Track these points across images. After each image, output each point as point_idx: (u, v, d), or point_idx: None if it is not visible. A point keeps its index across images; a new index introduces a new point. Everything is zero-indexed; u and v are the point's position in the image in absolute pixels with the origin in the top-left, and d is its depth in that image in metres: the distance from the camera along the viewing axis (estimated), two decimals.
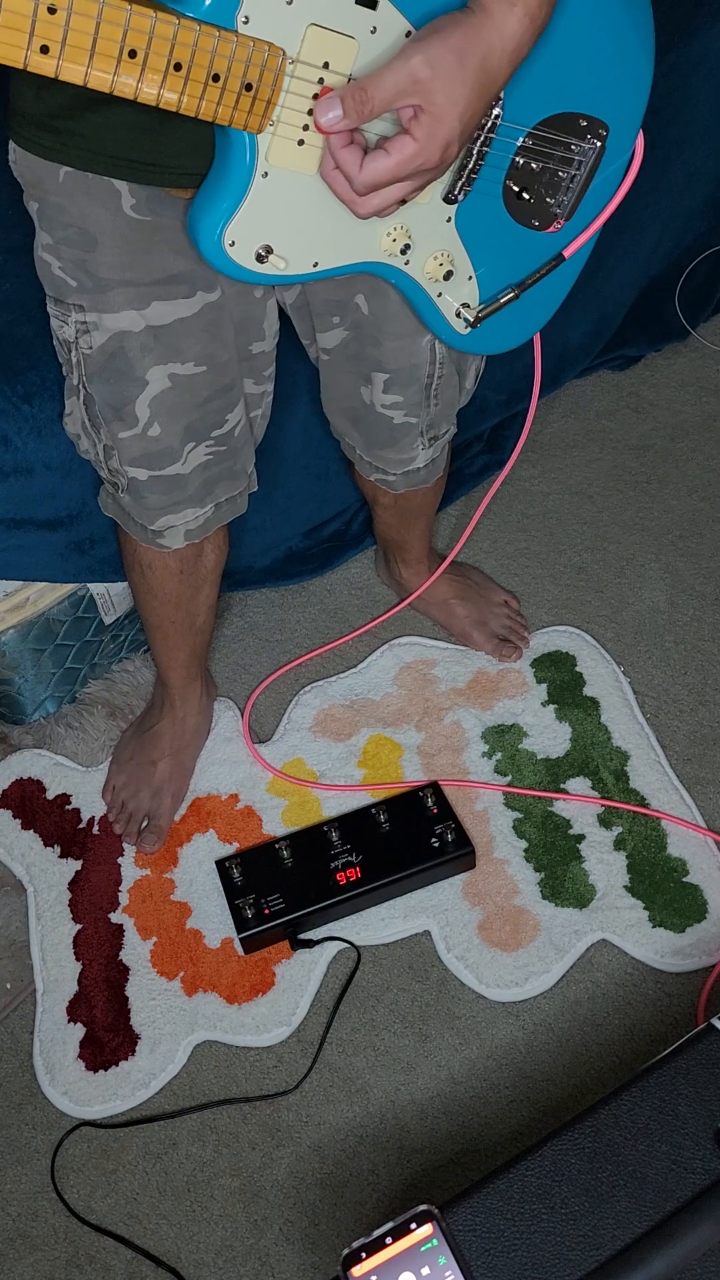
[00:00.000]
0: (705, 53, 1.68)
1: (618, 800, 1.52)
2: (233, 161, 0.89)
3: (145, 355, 1.09)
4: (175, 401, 1.13)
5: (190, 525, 1.26)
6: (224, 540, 1.40)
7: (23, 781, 1.60)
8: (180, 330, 1.08)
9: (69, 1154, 1.33)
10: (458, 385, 1.31)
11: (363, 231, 0.99)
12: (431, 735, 1.60)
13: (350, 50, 0.86)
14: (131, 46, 0.77)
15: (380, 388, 1.25)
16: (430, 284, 1.07)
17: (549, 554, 1.80)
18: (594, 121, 1.03)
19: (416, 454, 1.35)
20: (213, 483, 1.24)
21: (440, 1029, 1.38)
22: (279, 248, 0.94)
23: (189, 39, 0.79)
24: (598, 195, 1.10)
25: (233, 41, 0.81)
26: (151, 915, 1.48)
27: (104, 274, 1.03)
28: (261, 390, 1.25)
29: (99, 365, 1.11)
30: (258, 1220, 1.27)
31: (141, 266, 1.03)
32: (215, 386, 1.15)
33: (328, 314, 1.20)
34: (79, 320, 1.08)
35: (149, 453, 1.17)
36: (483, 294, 1.11)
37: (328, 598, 1.78)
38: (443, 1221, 0.90)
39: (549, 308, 1.21)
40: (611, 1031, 1.35)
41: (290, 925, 1.42)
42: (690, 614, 1.71)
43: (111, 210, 0.99)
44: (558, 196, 1.08)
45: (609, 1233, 0.92)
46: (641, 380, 2.02)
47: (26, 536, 1.41)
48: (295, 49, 0.84)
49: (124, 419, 1.14)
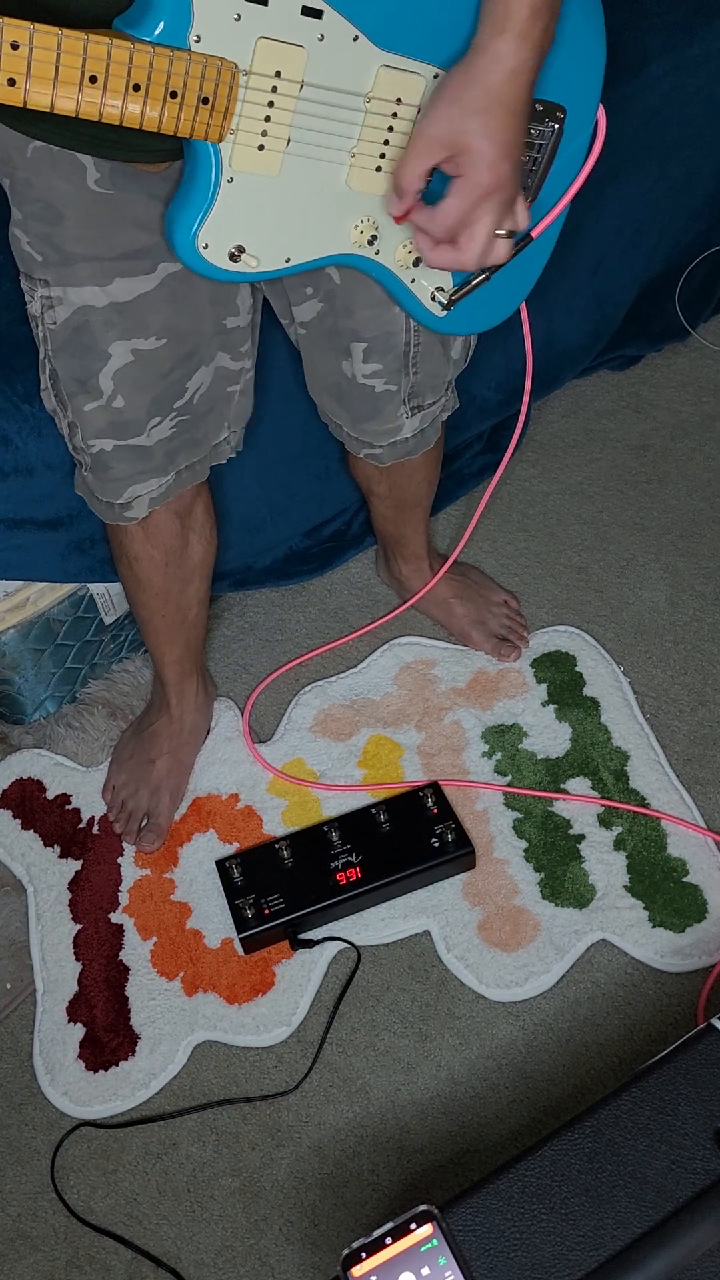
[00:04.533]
0: (705, 53, 1.68)
1: (618, 800, 1.52)
2: (199, 170, 0.93)
3: (108, 330, 1.11)
4: (139, 375, 1.15)
5: (154, 493, 1.27)
6: (211, 534, 1.41)
7: (23, 781, 1.60)
8: (143, 305, 1.11)
9: (69, 1154, 1.33)
10: (442, 355, 1.31)
11: (331, 226, 1.02)
12: (431, 735, 1.60)
13: (300, 58, 0.90)
14: (91, 72, 0.81)
15: (360, 358, 1.26)
16: (402, 270, 1.10)
17: (549, 554, 1.80)
18: (549, 105, 1.05)
19: (401, 423, 1.36)
20: (175, 452, 1.25)
21: (440, 1029, 1.38)
22: (250, 247, 0.98)
23: (144, 61, 0.83)
24: (562, 174, 1.11)
25: (186, 60, 0.85)
26: (151, 915, 1.48)
27: (69, 248, 1.06)
28: (239, 367, 1.26)
29: (64, 340, 1.13)
30: (258, 1220, 1.27)
31: (105, 241, 1.05)
32: (177, 357, 1.17)
33: (300, 286, 1.22)
34: (44, 295, 1.10)
35: (114, 423, 1.18)
36: (455, 277, 1.13)
37: (328, 598, 1.78)
38: (443, 1221, 0.90)
39: (524, 286, 1.23)
40: (611, 1031, 1.35)
41: (290, 925, 1.42)
42: (690, 614, 1.71)
43: (76, 184, 1.02)
44: (522, 180, 1.08)
45: (609, 1233, 0.92)
46: (641, 380, 2.02)
47: (26, 536, 1.41)
48: (247, 62, 0.89)
49: (89, 391, 1.16)
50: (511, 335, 1.30)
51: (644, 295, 1.95)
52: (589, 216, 1.68)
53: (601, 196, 1.69)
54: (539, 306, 1.27)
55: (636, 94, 1.64)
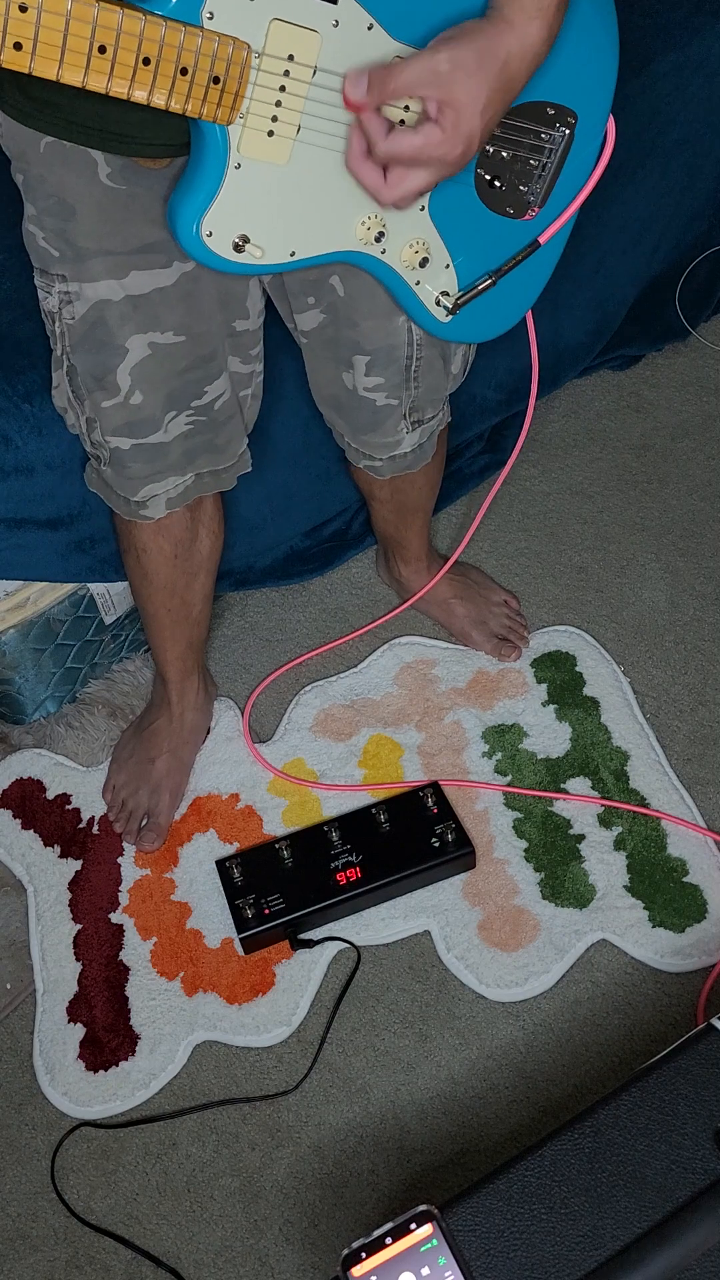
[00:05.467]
0: (705, 53, 1.68)
1: (618, 800, 1.51)
2: (206, 154, 0.92)
3: (125, 324, 1.11)
4: (155, 369, 1.15)
5: (171, 493, 1.27)
6: (219, 528, 1.41)
7: (23, 781, 1.60)
8: (158, 300, 1.10)
9: (69, 1154, 1.33)
10: (442, 370, 1.31)
11: (338, 221, 1.01)
12: (432, 735, 1.60)
13: (314, 43, 0.89)
14: (101, 42, 0.80)
15: (362, 371, 1.26)
16: (408, 272, 1.09)
17: (549, 554, 1.80)
18: (561, 109, 1.05)
19: (401, 438, 1.36)
20: (194, 453, 1.25)
21: (440, 1029, 1.37)
22: (255, 237, 0.97)
23: (156, 34, 0.82)
24: (571, 181, 1.11)
25: (198, 36, 0.84)
26: (151, 915, 1.48)
27: (83, 243, 1.05)
28: (250, 370, 1.26)
29: (81, 335, 1.12)
30: (258, 1220, 1.27)
31: (119, 235, 1.05)
32: (194, 356, 1.16)
33: (303, 294, 1.21)
34: (62, 290, 1.10)
35: (131, 421, 1.18)
36: (461, 281, 1.13)
37: (328, 597, 1.78)
38: (443, 1221, 0.90)
39: (529, 294, 1.22)
40: (611, 1031, 1.35)
41: (290, 925, 1.42)
42: (690, 614, 1.71)
43: (88, 179, 1.01)
44: (530, 184, 1.09)
45: (609, 1233, 0.92)
46: (642, 380, 2.02)
47: (27, 536, 1.41)
48: (260, 43, 0.88)
49: (106, 388, 1.15)
50: (512, 334, 1.30)
51: (645, 295, 1.95)
52: (590, 216, 1.68)
53: (603, 196, 1.68)
54: (540, 306, 1.26)
55: (638, 93, 1.64)
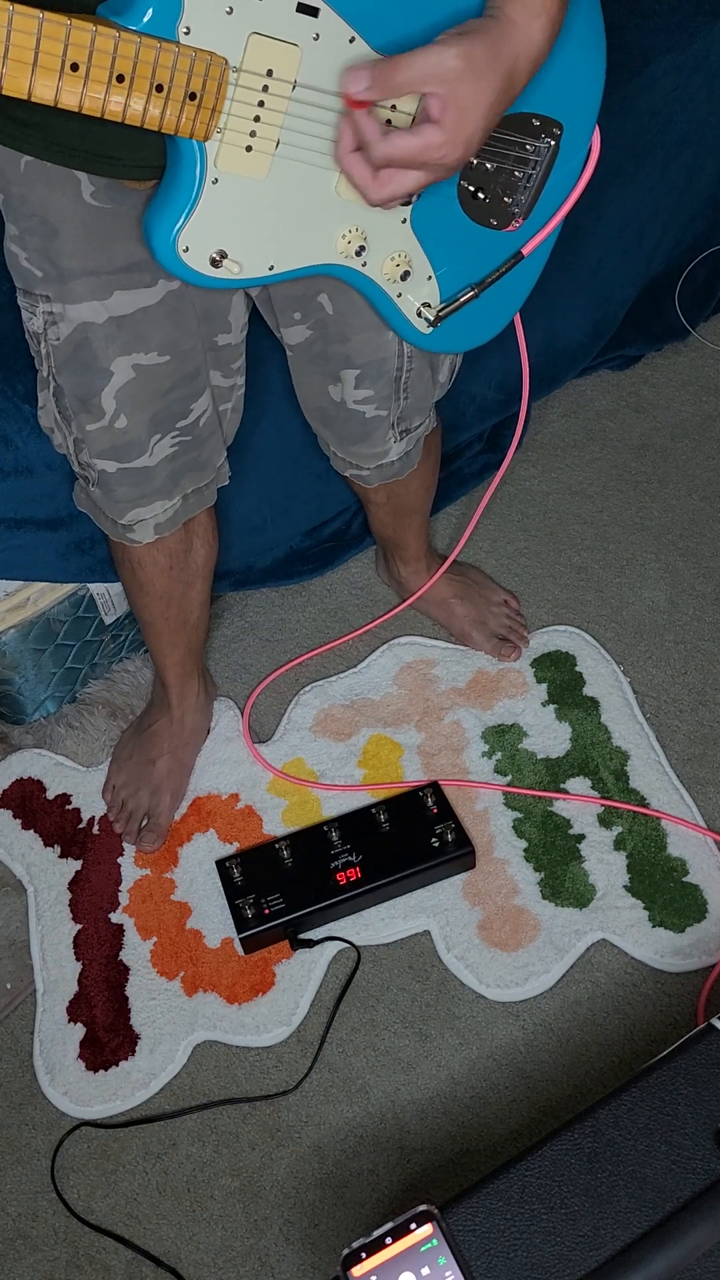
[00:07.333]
0: (705, 53, 1.68)
1: (618, 800, 1.51)
2: (183, 169, 0.90)
3: (109, 345, 1.09)
4: (140, 392, 1.14)
5: (160, 519, 1.27)
6: (213, 536, 1.40)
7: (23, 781, 1.60)
8: (143, 319, 1.09)
9: (69, 1154, 1.33)
10: (431, 379, 1.31)
11: (318, 234, 0.99)
12: (431, 735, 1.60)
13: (294, 57, 0.87)
14: (73, 60, 0.78)
15: (351, 384, 1.25)
16: (389, 284, 1.07)
17: (549, 554, 1.80)
18: (547, 120, 1.03)
19: (389, 447, 1.36)
20: (179, 474, 1.24)
21: (440, 1029, 1.38)
22: (233, 252, 0.95)
23: (130, 51, 0.80)
24: (555, 192, 1.10)
25: (174, 52, 0.82)
26: (151, 915, 1.48)
27: (66, 263, 1.04)
28: (230, 384, 1.25)
29: (66, 356, 1.11)
30: (258, 1220, 1.27)
31: (103, 254, 1.04)
32: (179, 375, 1.16)
33: (289, 309, 1.20)
34: (46, 311, 1.09)
35: (116, 445, 1.17)
36: (443, 293, 1.11)
37: (328, 598, 1.78)
38: (443, 1221, 0.90)
39: (512, 306, 1.21)
40: (611, 1031, 1.35)
41: (290, 925, 1.42)
42: (690, 614, 1.71)
43: (71, 198, 1.00)
44: (514, 196, 1.07)
45: (609, 1233, 0.92)
46: (642, 380, 2.02)
47: (27, 536, 1.41)
48: (238, 58, 0.85)
49: (91, 411, 1.14)
50: (511, 334, 1.30)
51: (644, 295, 1.95)
52: (590, 216, 1.68)
53: (602, 196, 1.68)
54: (539, 306, 1.26)
55: (637, 94, 1.64)
